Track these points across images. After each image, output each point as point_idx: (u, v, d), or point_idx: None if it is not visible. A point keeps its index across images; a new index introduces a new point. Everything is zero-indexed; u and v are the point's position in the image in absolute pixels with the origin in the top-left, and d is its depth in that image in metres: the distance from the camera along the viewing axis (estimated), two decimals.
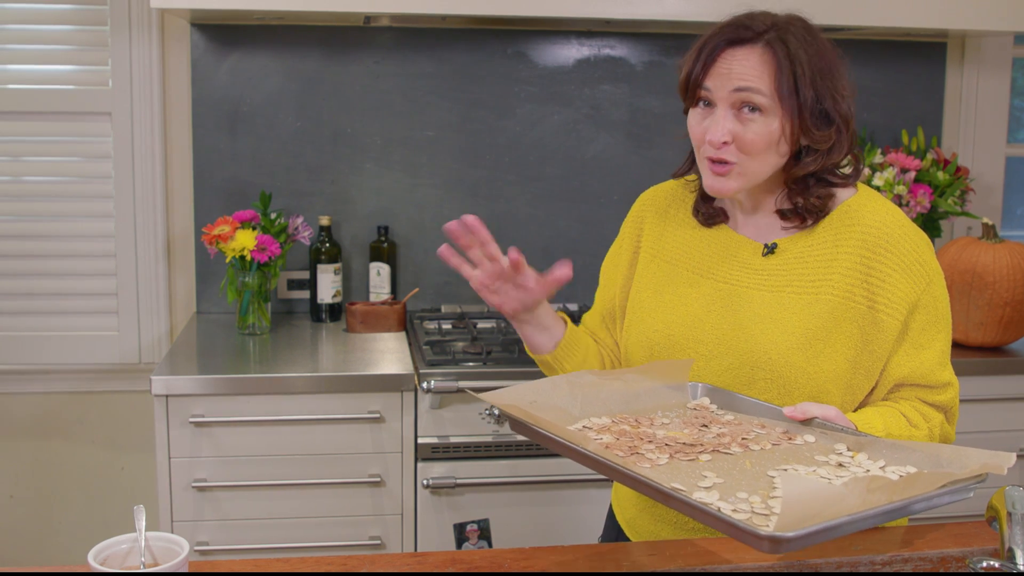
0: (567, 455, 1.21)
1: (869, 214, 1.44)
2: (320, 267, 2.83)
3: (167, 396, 2.30)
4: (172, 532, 2.25)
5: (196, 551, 2.35)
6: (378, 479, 2.39)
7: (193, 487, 2.33)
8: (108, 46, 2.81)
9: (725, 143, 1.40)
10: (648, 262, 1.57)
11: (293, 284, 2.95)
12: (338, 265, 2.86)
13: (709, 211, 1.54)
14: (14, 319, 2.89)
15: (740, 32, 1.41)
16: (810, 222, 1.46)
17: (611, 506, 1.68)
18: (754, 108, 1.39)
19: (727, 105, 1.40)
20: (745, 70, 1.39)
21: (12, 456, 2.98)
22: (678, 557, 1.26)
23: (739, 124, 1.39)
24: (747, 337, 1.43)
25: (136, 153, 2.85)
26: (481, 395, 1.29)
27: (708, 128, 1.41)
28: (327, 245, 2.84)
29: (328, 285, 2.85)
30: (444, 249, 1.44)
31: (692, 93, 1.44)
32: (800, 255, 1.45)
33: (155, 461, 2.34)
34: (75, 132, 2.85)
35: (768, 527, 1.01)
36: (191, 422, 2.30)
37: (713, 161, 1.42)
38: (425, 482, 2.39)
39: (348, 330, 2.77)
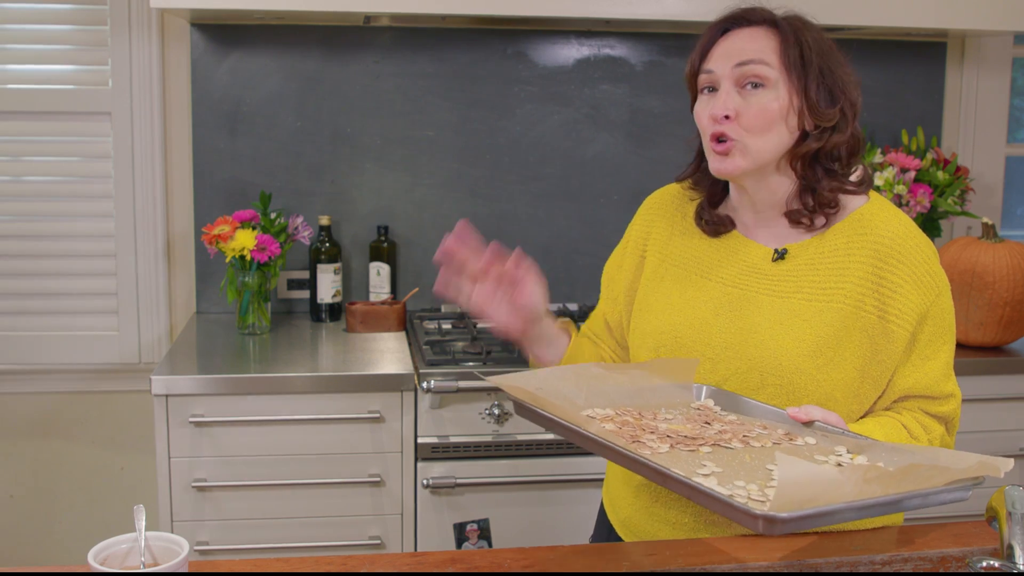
0: (570, 438, 1.24)
1: (881, 223, 1.44)
2: (320, 267, 2.83)
3: (167, 396, 2.30)
4: (172, 532, 2.25)
5: (196, 551, 2.35)
6: (378, 479, 2.39)
7: (193, 487, 2.33)
8: (108, 46, 2.81)
9: (727, 117, 1.40)
10: (656, 265, 1.57)
11: (293, 284, 2.95)
12: (338, 265, 2.86)
13: (714, 219, 1.53)
14: (14, 319, 2.89)
15: (740, 17, 1.45)
16: (820, 222, 1.46)
17: (602, 506, 1.67)
18: (757, 84, 1.40)
19: (730, 82, 1.41)
20: (747, 45, 1.42)
21: (12, 456, 2.98)
22: (679, 557, 1.26)
23: (741, 99, 1.40)
24: (757, 342, 1.42)
25: (136, 153, 2.85)
26: (490, 378, 1.32)
27: (712, 106, 1.42)
28: (327, 245, 2.84)
29: (328, 285, 2.84)
30: (438, 285, 1.44)
31: (693, 82, 1.47)
32: (811, 261, 1.45)
33: (155, 461, 2.34)
34: (75, 132, 2.85)
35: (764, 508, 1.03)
36: (191, 422, 2.30)
37: (716, 140, 1.42)
38: (425, 482, 2.39)
39: (348, 330, 2.77)
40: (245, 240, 2.60)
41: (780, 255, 1.47)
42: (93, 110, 2.83)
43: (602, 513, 1.66)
